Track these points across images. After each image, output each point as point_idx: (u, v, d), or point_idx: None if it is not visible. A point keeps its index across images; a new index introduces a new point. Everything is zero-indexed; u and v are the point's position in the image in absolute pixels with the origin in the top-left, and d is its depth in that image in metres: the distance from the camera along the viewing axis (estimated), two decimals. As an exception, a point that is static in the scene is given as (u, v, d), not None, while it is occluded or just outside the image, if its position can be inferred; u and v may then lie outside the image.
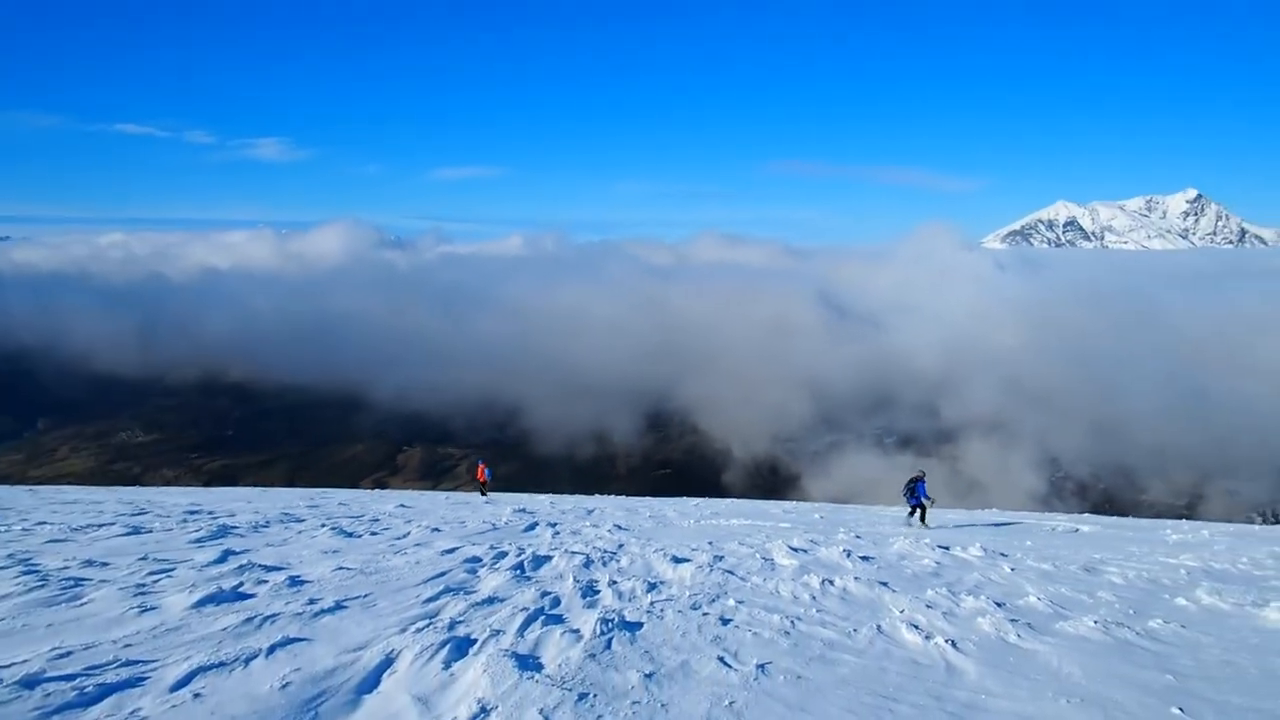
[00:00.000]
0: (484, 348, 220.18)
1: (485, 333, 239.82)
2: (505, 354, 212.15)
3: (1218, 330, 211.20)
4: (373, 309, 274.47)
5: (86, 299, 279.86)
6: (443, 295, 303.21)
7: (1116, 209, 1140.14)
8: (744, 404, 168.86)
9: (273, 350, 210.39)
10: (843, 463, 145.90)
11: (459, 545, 14.97)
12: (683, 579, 12.32)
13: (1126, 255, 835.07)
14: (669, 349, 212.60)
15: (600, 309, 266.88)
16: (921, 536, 19.01)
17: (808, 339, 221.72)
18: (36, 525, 16.43)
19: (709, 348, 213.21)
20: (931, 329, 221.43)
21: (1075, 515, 34.06)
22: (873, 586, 12.02)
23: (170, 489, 42.16)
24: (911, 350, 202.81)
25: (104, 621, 8.86)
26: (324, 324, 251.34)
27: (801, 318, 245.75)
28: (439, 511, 23.23)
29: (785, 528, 20.87)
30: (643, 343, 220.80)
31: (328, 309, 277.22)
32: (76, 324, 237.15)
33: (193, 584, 10.62)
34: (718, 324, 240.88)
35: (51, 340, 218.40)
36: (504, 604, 10.18)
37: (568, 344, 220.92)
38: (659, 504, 31.05)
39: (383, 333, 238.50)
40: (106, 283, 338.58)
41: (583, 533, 18.04)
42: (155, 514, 19.74)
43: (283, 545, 14.85)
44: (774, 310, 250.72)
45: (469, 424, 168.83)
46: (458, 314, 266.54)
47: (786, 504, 36.52)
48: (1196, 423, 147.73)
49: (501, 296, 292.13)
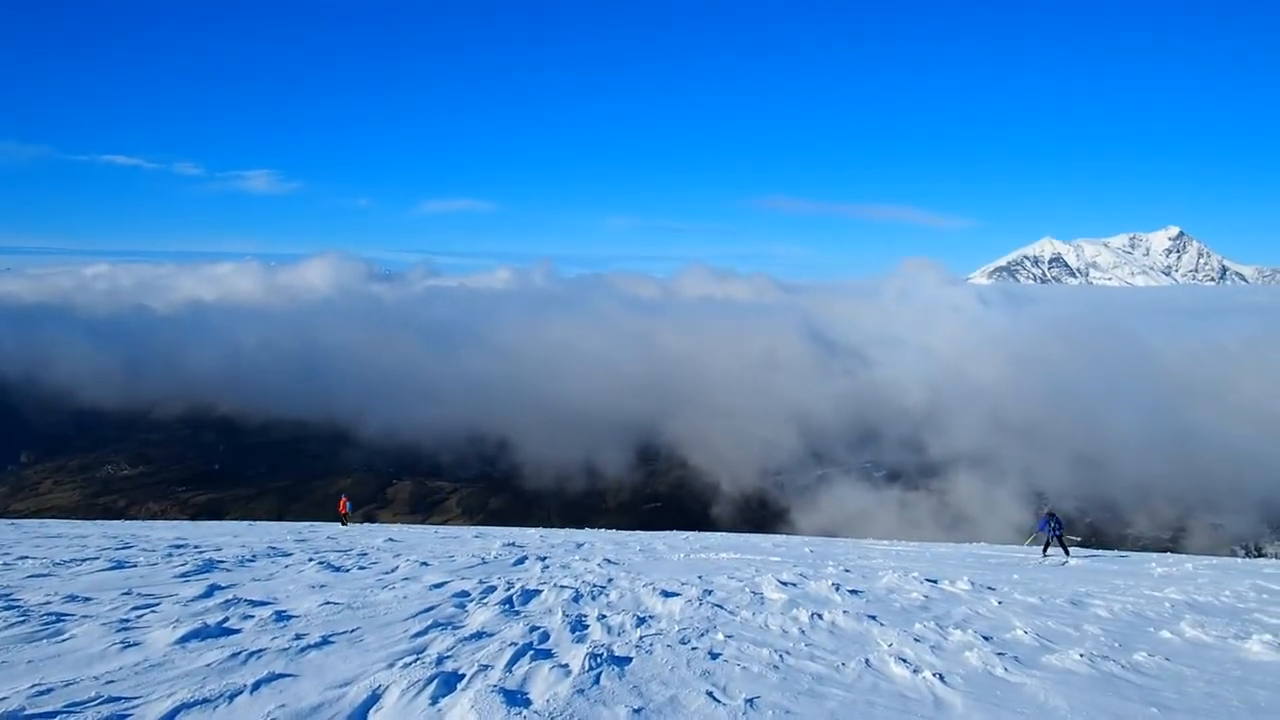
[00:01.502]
0: (472, 381, 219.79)
1: (473, 366, 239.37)
2: (493, 387, 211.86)
3: (1200, 366, 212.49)
4: (361, 342, 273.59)
5: (70, 331, 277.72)
6: (431, 328, 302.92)
7: (1101, 246, 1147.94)
8: (732, 438, 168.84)
9: (260, 384, 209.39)
10: (831, 496, 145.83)
11: (448, 580, 14.87)
12: (672, 613, 12.26)
13: (1110, 291, 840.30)
14: (657, 383, 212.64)
15: (588, 343, 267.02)
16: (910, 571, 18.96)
17: (795, 373, 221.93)
18: (18, 560, 16.29)
19: (697, 382, 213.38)
20: (917, 363, 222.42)
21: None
22: (861, 620, 11.98)
23: (156, 523, 41.91)
24: (897, 384, 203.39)
25: (86, 658, 8.77)
26: (312, 357, 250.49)
27: (789, 352, 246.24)
28: (428, 545, 23.08)
29: (775, 561, 20.79)
30: (631, 376, 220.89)
31: (316, 342, 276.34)
32: (60, 356, 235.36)
33: (177, 619, 10.54)
34: (706, 358, 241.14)
35: (35, 372, 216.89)
36: (492, 639, 10.10)
37: (556, 378, 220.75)
38: (649, 538, 30.94)
39: (371, 366, 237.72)
40: (91, 315, 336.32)
41: (572, 567, 17.94)
42: (140, 548, 19.59)
43: (269, 580, 14.73)
44: (762, 345, 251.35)
45: (458, 458, 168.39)
46: (446, 347, 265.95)
47: (777, 538, 36.41)
48: (1180, 457, 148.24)
49: (490, 330, 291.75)
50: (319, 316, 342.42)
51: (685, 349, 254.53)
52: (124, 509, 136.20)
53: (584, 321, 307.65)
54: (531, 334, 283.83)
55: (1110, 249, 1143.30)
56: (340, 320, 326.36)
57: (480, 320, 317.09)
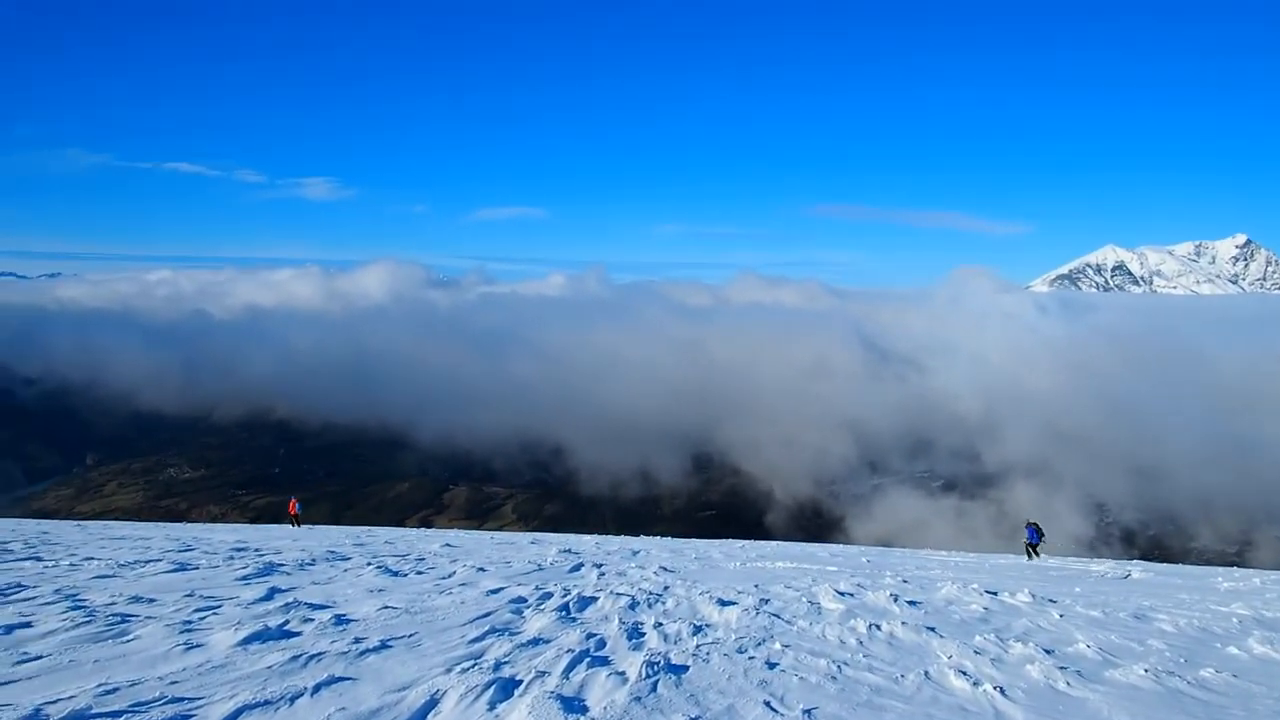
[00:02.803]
0: (526, 387, 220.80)
1: (527, 372, 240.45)
2: (547, 393, 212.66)
3: (1267, 376, 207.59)
4: (416, 347, 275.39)
5: (131, 336, 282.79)
6: (485, 334, 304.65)
7: (1165, 253, 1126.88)
8: (785, 446, 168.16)
9: (317, 388, 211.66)
10: (887, 505, 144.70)
11: (504, 585, 14.93)
12: (729, 622, 12.21)
13: (1174, 300, 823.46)
14: (709, 390, 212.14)
15: (640, 349, 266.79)
16: (969, 583, 18.77)
17: (847, 381, 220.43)
18: (84, 561, 16.58)
19: (749, 389, 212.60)
20: (971, 371, 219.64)
21: (1124, 561, 33.57)
22: (920, 632, 11.86)
23: (216, 525, 42.50)
24: (952, 393, 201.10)
25: (150, 658, 8.89)
26: (367, 362, 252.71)
27: (841, 359, 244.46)
28: (484, 551, 23.20)
29: (832, 571, 20.67)
30: (683, 383, 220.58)
31: (371, 347, 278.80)
32: (122, 361, 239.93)
33: (239, 621, 10.66)
34: (757, 365, 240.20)
35: (97, 377, 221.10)
36: (549, 645, 10.13)
37: (609, 384, 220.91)
38: (705, 546, 30.88)
39: (425, 371, 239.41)
40: (152, 320, 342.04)
41: (628, 574, 17.93)
42: (202, 550, 19.90)
43: (328, 583, 14.88)
44: (813, 352, 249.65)
45: (512, 464, 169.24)
46: (500, 353, 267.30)
47: (833, 547, 36.23)
48: (1245, 469, 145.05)
49: (543, 336, 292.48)
50: (375, 322, 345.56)
51: (737, 356, 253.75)
52: (185, 511, 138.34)
53: (636, 328, 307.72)
54: (584, 340, 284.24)
55: (1175, 257, 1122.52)
56: (396, 326, 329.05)
57: (533, 326, 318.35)
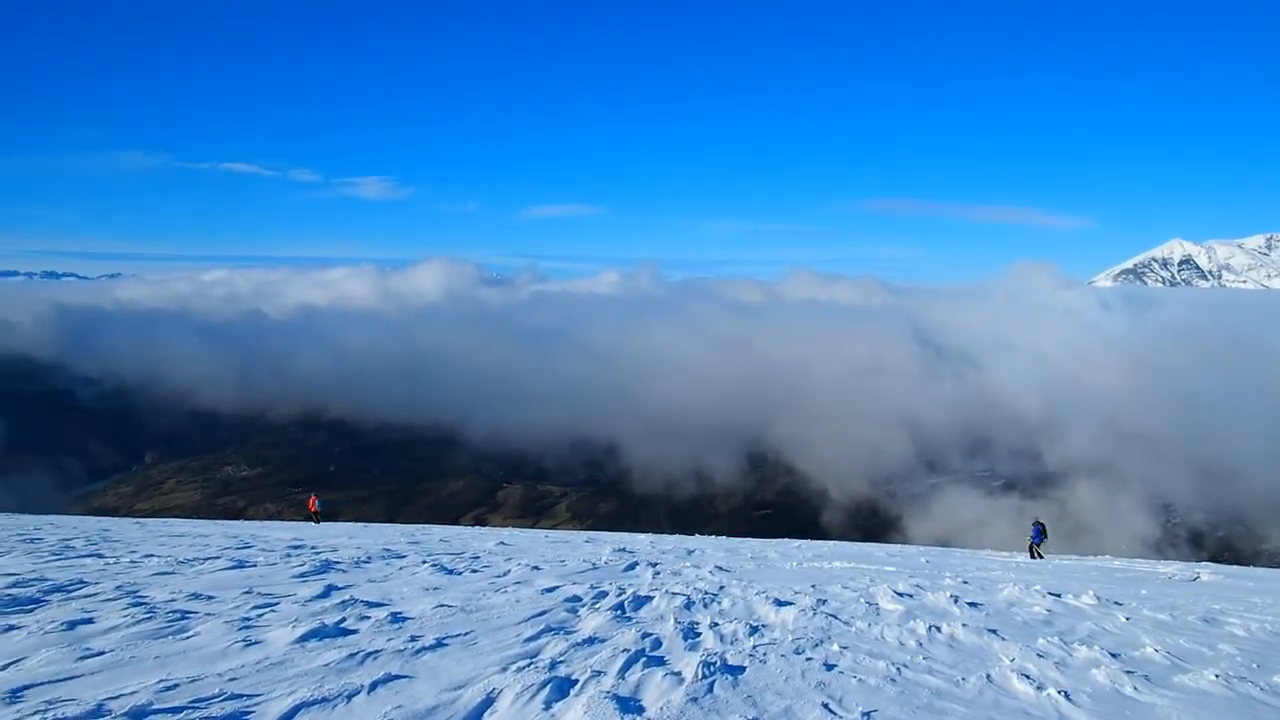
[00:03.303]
0: (578, 385, 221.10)
1: (579, 370, 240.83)
2: (600, 391, 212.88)
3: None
4: (469, 346, 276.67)
5: (188, 335, 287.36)
6: (538, 332, 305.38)
7: (1234, 247, 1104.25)
8: (840, 444, 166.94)
9: (371, 387, 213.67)
10: (945, 505, 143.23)
11: (559, 584, 14.97)
12: (786, 622, 12.15)
13: (1243, 294, 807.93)
14: (762, 387, 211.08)
15: (693, 346, 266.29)
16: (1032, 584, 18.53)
17: (903, 378, 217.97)
18: (144, 558, 16.85)
19: (803, 386, 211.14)
20: (1032, 369, 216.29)
21: (1192, 563, 32.99)
22: (981, 634, 11.72)
23: (273, 523, 43.06)
24: (1011, 390, 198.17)
25: (210, 655, 9.02)
26: (422, 361, 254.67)
27: (896, 356, 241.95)
28: (539, 549, 23.27)
29: (890, 571, 20.50)
30: (736, 381, 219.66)
31: (425, 346, 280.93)
32: (179, 360, 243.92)
33: (296, 619, 10.79)
34: (811, 362, 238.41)
35: (156, 376, 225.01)
36: (605, 644, 10.15)
37: (662, 382, 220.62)
38: (760, 545, 30.76)
39: (479, 370, 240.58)
40: (207, 319, 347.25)
41: (683, 573, 17.90)
42: (260, 548, 20.15)
43: (384, 581, 15.01)
44: (868, 348, 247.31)
45: (565, 462, 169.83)
46: (552, 351, 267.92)
47: (891, 547, 35.94)
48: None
49: (596, 334, 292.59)
50: (428, 320, 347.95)
51: (790, 353, 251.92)
52: (242, 509, 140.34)
53: (689, 325, 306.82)
54: (637, 338, 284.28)
55: (1245, 250, 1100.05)
56: (449, 324, 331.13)
57: (586, 324, 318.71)
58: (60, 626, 9.85)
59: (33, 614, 10.69)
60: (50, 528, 25.87)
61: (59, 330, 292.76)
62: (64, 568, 15.03)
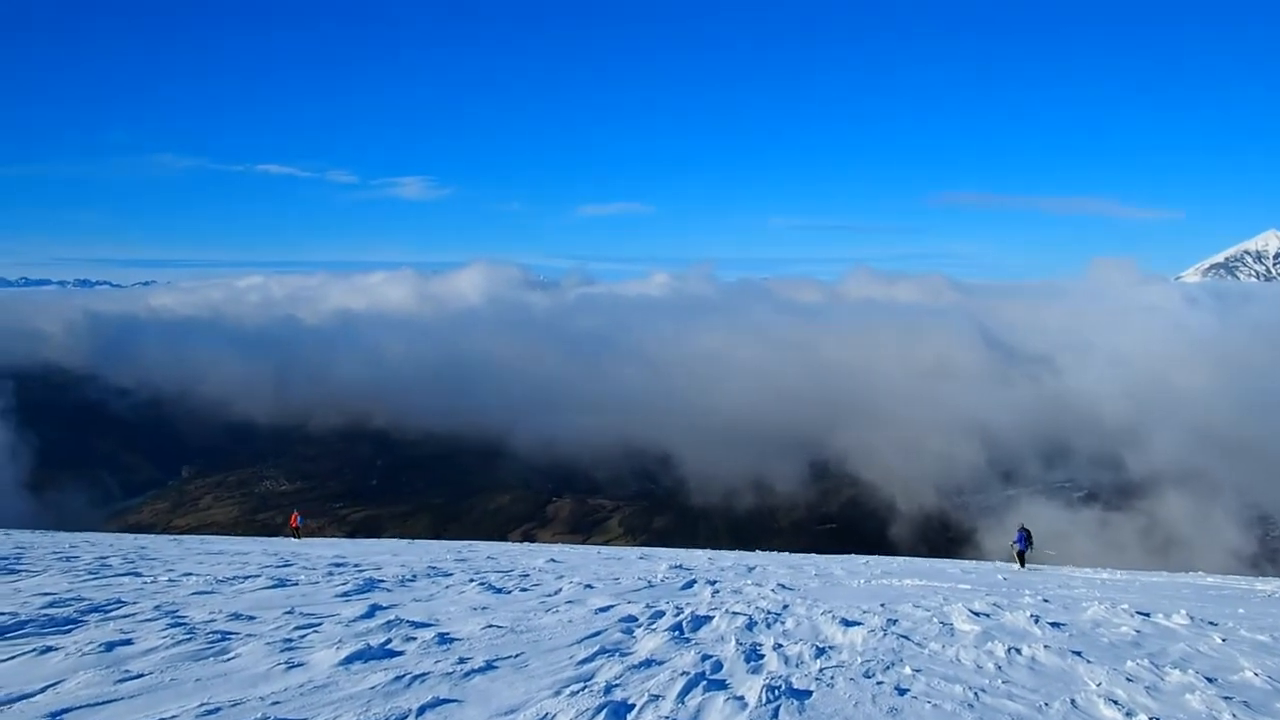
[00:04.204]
0: (629, 393, 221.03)
1: (630, 377, 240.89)
2: (652, 399, 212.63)
3: None
4: (514, 352, 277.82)
5: (223, 344, 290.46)
6: (586, 337, 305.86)
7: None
8: (907, 453, 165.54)
9: (413, 396, 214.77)
10: (1021, 518, 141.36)
11: (613, 603, 15.00)
12: (854, 644, 12.07)
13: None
14: (824, 393, 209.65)
15: (751, 351, 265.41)
16: (1119, 603, 18.25)
17: (974, 382, 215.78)
18: (183, 576, 17.11)
19: (867, 392, 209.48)
20: (1113, 371, 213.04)
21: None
22: (1065, 656, 11.56)
23: (314, 540, 43.47)
24: (1091, 394, 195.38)
25: (251, 677, 9.13)
26: (465, 368, 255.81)
27: (967, 359, 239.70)
28: (591, 567, 23.32)
29: (965, 589, 20.31)
30: (797, 386, 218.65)
31: (468, 352, 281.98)
32: (215, 369, 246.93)
33: (340, 640, 10.88)
34: (876, 366, 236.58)
35: (191, 386, 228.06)
36: (662, 667, 10.14)
37: (717, 388, 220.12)
38: (825, 561, 30.62)
39: (525, 377, 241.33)
40: (243, 327, 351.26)
41: (744, 592, 17.85)
42: (301, 566, 20.38)
43: (430, 600, 15.11)
44: (937, 351, 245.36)
45: (617, 474, 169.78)
46: (601, 357, 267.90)
47: (965, 563, 35.71)
48: None
49: (646, 339, 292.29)
50: (471, 325, 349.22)
51: (853, 356, 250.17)
52: (282, 525, 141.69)
53: (745, 328, 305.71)
54: (690, 342, 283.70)
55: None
56: (493, 329, 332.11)
57: (636, 328, 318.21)
58: (98, 648, 9.99)
59: (70, 635, 10.89)
60: (86, 545, 26.33)
61: (92, 340, 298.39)
62: (101, 587, 15.29)
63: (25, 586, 15.11)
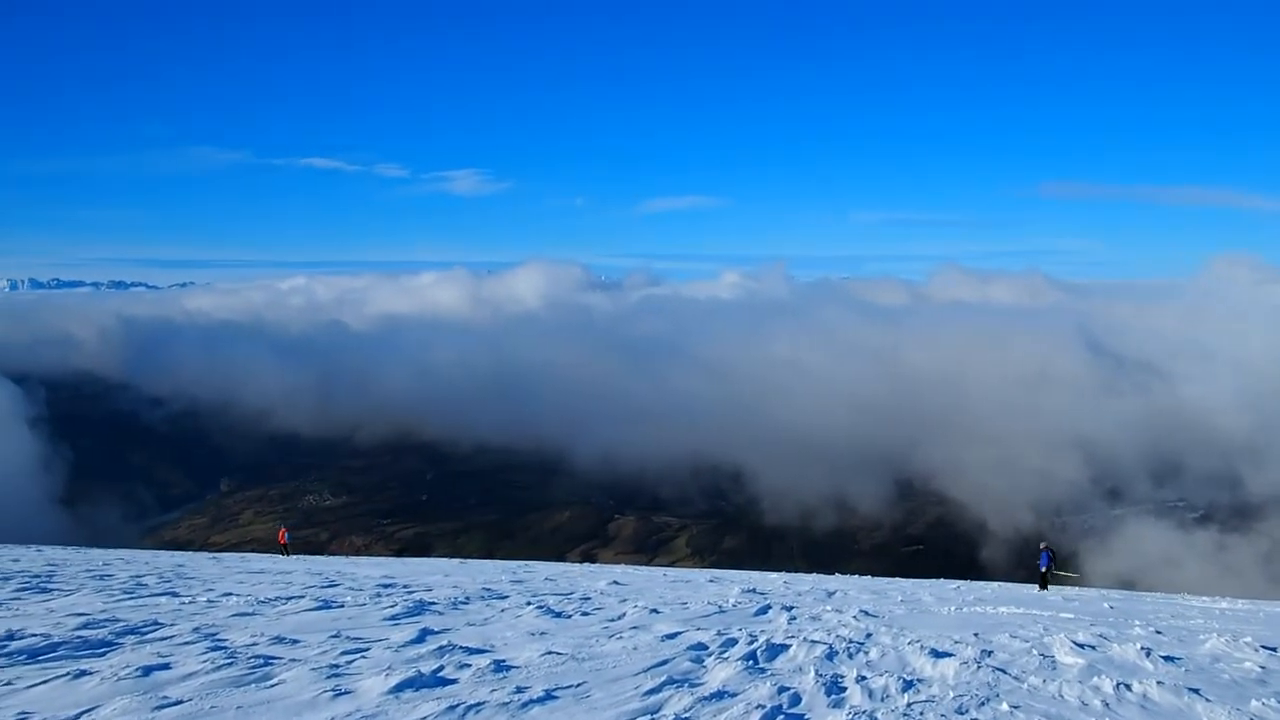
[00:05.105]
0: (698, 402, 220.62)
1: (697, 386, 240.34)
2: (723, 410, 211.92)
3: None
4: (574, 358, 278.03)
5: (264, 350, 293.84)
6: (650, 343, 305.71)
7: None
8: (1001, 469, 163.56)
9: (465, 405, 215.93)
10: (1129, 540, 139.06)
11: (681, 629, 14.91)
12: (945, 677, 11.90)
13: None
14: (910, 403, 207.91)
15: (829, 357, 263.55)
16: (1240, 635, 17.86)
17: (1076, 391, 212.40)
18: (222, 596, 17.28)
19: (957, 402, 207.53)
20: (1233, 380, 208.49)
21: None
22: (1181, 694, 11.29)
23: (361, 559, 43.88)
24: (1208, 406, 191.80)
25: (295, 705, 9.17)
26: (521, 376, 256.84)
27: (1067, 366, 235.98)
28: (656, 590, 23.26)
29: (1067, 618, 19.99)
30: (879, 396, 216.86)
31: (525, 359, 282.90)
32: (255, 377, 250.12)
33: (389, 666, 10.91)
34: (966, 374, 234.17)
35: (229, 395, 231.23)
36: (735, 699, 10.06)
37: (793, 398, 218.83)
38: (911, 586, 30.36)
39: (585, 385, 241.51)
40: (284, 332, 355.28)
41: (823, 618, 17.70)
42: (346, 586, 20.53)
43: (485, 625, 15.16)
44: (1034, 357, 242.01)
45: (685, 490, 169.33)
46: (666, 364, 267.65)
47: (1067, 590, 35.15)
48: None
49: (717, 344, 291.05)
50: (528, 330, 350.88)
51: (941, 363, 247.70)
52: (325, 543, 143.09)
53: (823, 333, 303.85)
54: (763, 348, 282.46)
55: None
56: (551, 334, 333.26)
57: (705, 333, 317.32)
58: (135, 672, 10.11)
59: (105, 658, 11.04)
60: (121, 563, 26.74)
61: (125, 346, 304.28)
62: (137, 607, 15.50)
63: (58, 606, 15.36)
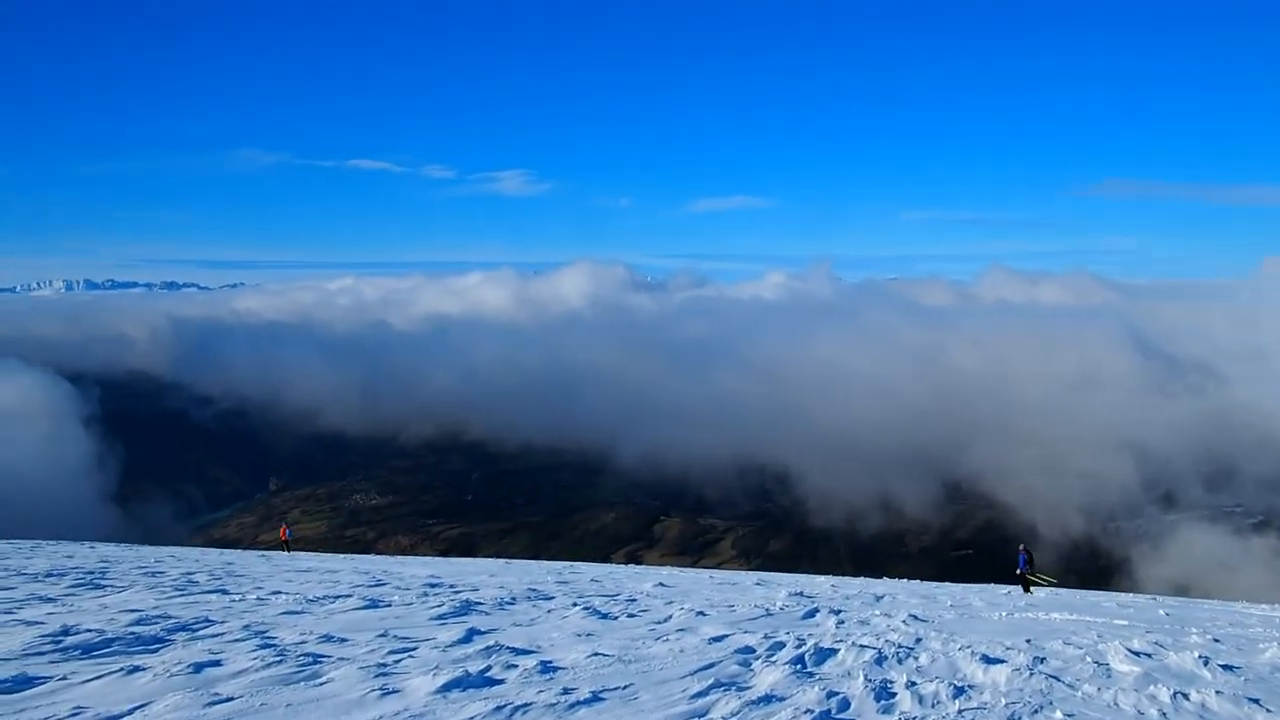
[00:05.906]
0: (744, 404, 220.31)
1: (743, 387, 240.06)
2: (769, 411, 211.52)
3: None
4: (620, 358, 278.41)
5: (311, 350, 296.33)
6: (696, 343, 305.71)
7: None
8: (1050, 472, 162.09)
9: (511, 405, 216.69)
10: (1183, 546, 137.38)
11: (729, 632, 14.89)
12: (996, 683, 11.83)
13: None
14: (958, 405, 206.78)
15: (875, 358, 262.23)
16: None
17: (1128, 394, 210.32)
18: (271, 595, 17.46)
19: (1005, 404, 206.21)
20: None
21: None
22: (1240, 704, 11.16)
23: (407, 558, 44.12)
24: (1264, 408, 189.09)
25: (344, 704, 9.23)
26: (566, 376, 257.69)
27: (1118, 367, 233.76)
28: (703, 592, 23.26)
29: (1121, 625, 19.80)
30: (927, 397, 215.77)
31: (570, 359, 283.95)
32: (302, 377, 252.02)
33: (437, 665, 10.97)
34: (1015, 375, 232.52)
35: (277, 394, 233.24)
36: (783, 704, 10.04)
37: (840, 399, 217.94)
38: (961, 591, 30.23)
39: (631, 386, 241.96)
40: (332, 332, 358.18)
41: (872, 623, 17.65)
42: (394, 585, 20.66)
43: (531, 625, 15.22)
44: (1084, 358, 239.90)
45: (730, 492, 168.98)
46: (712, 365, 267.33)
47: (1121, 596, 34.88)
48: None
49: (762, 345, 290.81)
50: (573, 330, 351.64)
51: (989, 365, 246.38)
52: (372, 542, 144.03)
53: (869, 333, 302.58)
54: (809, 349, 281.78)
55: None
56: (596, 334, 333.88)
57: (750, 334, 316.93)
58: (187, 669, 10.23)
59: (158, 654, 11.18)
60: (172, 560, 27.08)
61: (176, 345, 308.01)
62: (188, 604, 15.69)
63: (111, 602, 15.57)
